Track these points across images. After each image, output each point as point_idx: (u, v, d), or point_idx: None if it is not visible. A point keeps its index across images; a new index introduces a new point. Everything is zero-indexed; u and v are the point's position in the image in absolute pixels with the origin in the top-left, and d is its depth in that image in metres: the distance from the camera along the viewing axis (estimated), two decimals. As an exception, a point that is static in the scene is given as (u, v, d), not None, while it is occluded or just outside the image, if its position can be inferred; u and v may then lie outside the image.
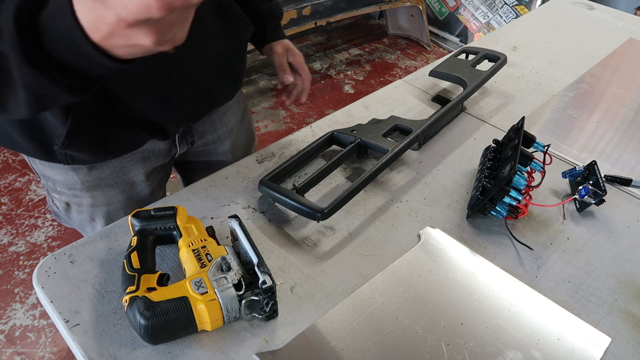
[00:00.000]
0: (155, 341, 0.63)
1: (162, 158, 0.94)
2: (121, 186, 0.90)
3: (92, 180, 0.87)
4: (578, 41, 1.56)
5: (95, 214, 0.92)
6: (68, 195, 0.89)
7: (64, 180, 0.87)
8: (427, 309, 0.72)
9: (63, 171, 0.85)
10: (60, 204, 0.92)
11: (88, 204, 0.90)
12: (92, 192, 0.88)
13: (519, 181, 0.82)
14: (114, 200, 0.91)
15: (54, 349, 1.59)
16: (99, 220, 0.93)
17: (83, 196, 0.89)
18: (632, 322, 0.73)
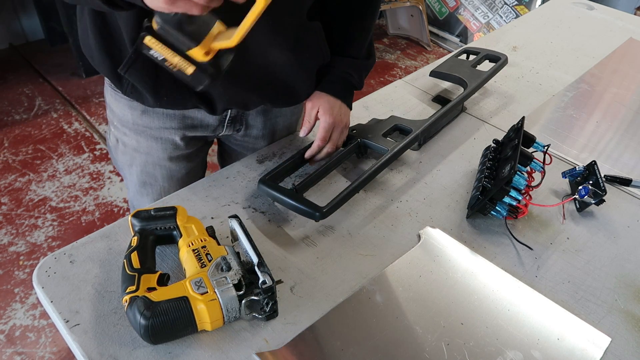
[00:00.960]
0: (155, 341, 0.63)
1: (208, 131, 0.96)
2: (164, 143, 0.95)
3: (142, 125, 0.92)
4: (578, 41, 1.56)
5: (135, 159, 0.97)
6: (120, 131, 0.95)
7: (120, 115, 0.93)
8: (427, 309, 0.72)
9: (122, 106, 0.91)
10: (112, 138, 0.99)
11: (132, 146, 0.96)
12: (137, 137, 0.94)
13: (519, 181, 0.82)
14: (153, 153, 0.96)
15: (54, 349, 1.58)
16: (136, 168, 0.98)
17: (130, 136, 0.95)
18: (632, 322, 0.73)
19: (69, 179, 2.22)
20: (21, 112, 2.60)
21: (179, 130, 0.93)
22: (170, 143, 0.95)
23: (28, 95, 2.72)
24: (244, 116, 0.97)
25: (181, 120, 0.92)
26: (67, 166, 2.28)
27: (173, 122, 0.92)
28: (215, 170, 0.95)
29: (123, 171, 1.02)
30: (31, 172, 2.24)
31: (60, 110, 2.63)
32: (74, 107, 2.67)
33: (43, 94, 2.75)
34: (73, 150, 2.38)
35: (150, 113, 0.91)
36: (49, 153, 2.35)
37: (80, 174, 2.25)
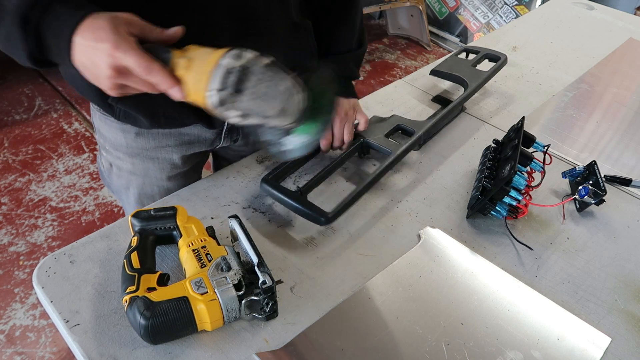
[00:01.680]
0: (155, 341, 0.63)
1: (205, 146, 0.95)
2: (161, 163, 0.93)
3: (136, 147, 0.90)
4: (578, 41, 1.56)
5: (131, 182, 0.95)
6: (113, 155, 0.93)
7: (112, 140, 0.90)
8: (427, 309, 0.72)
9: (114, 130, 0.88)
10: (105, 163, 0.97)
11: (127, 169, 0.94)
12: (133, 159, 0.92)
13: (519, 181, 0.82)
14: (150, 174, 0.94)
15: (54, 349, 1.58)
16: (133, 191, 0.96)
17: (125, 160, 0.92)
18: (632, 322, 0.73)
19: (69, 179, 2.22)
20: (21, 112, 2.60)
21: (176, 147, 0.91)
22: (167, 162, 0.93)
23: (28, 95, 2.72)
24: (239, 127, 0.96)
25: (177, 137, 0.90)
26: (67, 166, 2.28)
27: (169, 140, 0.90)
28: (215, 170, 0.95)
29: (119, 194, 0.99)
30: (31, 172, 2.24)
31: (60, 110, 2.63)
32: (74, 107, 2.67)
33: (43, 94, 2.75)
34: (73, 150, 2.38)
35: (145, 134, 0.88)
36: (49, 153, 2.35)
37: (80, 174, 2.25)
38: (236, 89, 0.51)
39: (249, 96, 0.52)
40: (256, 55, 0.53)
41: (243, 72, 0.51)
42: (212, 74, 0.51)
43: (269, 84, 0.51)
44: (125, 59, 0.54)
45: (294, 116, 0.54)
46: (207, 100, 0.53)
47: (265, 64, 0.52)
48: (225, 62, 0.52)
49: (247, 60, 0.52)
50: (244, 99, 0.52)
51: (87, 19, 0.54)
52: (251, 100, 0.52)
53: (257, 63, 0.52)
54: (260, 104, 0.52)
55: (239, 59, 0.51)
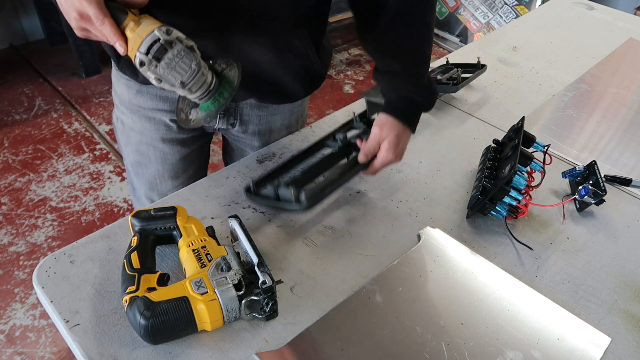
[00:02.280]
0: (155, 341, 0.63)
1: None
2: (156, 123, 0.97)
3: (136, 104, 0.95)
4: (578, 41, 1.56)
5: (130, 138, 1.00)
6: (120, 110, 1.00)
7: (120, 94, 0.97)
8: (427, 309, 0.72)
9: (122, 85, 0.95)
10: (114, 117, 1.03)
11: (129, 125, 0.99)
12: (133, 116, 0.97)
13: (519, 181, 0.82)
14: (146, 132, 0.98)
15: (54, 349, 1.58)
16: (131, 147, 1.01)
17: (127, 115, 0.98)
18: (632, 322, 0.73)
19: (69, 179, 2.22)
20: (21, 112, 2.60)
21: (170, 112, 0.95)
22: (162, 124, 0.97)
23: (28, 95, 2.72)
24: (237, 110, 0.98)
25: (173, 103, 0.93)
26: (67, 166, 2.28)
27: (165, 104, 0.94)
28: (217, 170, 0.95)
29: (122, 151, 1.05)
30: (31, 172, 2.24)
31: (60, 110, 2.63)
32: (74, 107, 2.67)
33: (43, 94, 2.75)
34: (73, 150, 2.38)
35: (144, 93, 0.93)
36: (49, 153, 2.35)
37: (80, 174, 2.25)
38: (155, 56, 0.62)
39: (164, 66, 0.62)
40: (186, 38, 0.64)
41: (166, 45, 0.62)
42: (143, 39, 0.62)
43: (181, 60, 0.62)
44: (87, 7, 0.62)
45: (198, 93, 0.66)
46: (134, 59, 0.63)
47: (187, 45, 0.63)
48: (156, 32, 0.62)
49: (174, 38, 0.62)
50: (160, 67, 0.63)
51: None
52: (164, 69, 0.63)
53: (181, 42, 0.63)
54: (169, 73, 0.63)
55: (168, 35, 0.62)
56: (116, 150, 2.40)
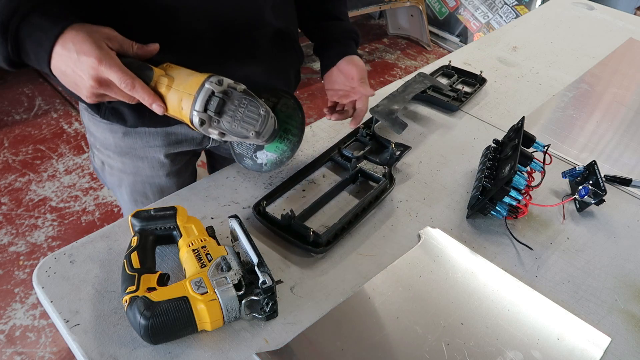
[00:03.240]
0: (155, 341, 0.62)
1: (194, 145, 0.95)
2: (150, 161, 0.94)
3: (125, 147, 0.91)
4: (578, 41, 1.56)
5: (123, 180, 0.96)
6: (104, 154, 0.95)
7: (102, 139, 0.92)
8: (427, 309, 0.72)
9: (103, 130, 0.90)
10: (97, 161, 0.98)
11: (118, 168, 0.95)
12: (122, 158, 0.93)
13: (519, 181, 0.82)
14: (140, 172, 0.95)
15: (54, 349, 1.58)
16: (125, 189, 0.97)
17: (115, 159, 0.93)
18: (632, 322, 0.73)
19: (69, 179, 2.22)
20: (21, 112, 2.60)
21: (164, 147, 0.92)
22: (156, 161, 0.94)
23: (28, 95, 2.72)
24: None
25: (165, 137, 0.91)
26: (67, 166, 2.28)
27: (157, 140, 0.90)
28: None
29: (114, 191, 1.01)
30: (31, 172, 2.24)
31: (60, 110, 2.63)
32: (74, 107, 2.67)
33: (43, 94, 2.75)
34: (73, 150, 2.38)
35: (132, 134, 0.89)
36: (49, 153, 2.35)
37: (80, 174, 2.25)
38: (217, 112, 0.57)
39: (228, 119, 0.58)
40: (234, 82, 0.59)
41: (224, 97, 0.57)
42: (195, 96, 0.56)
43: (246, 109, 0.58)
44: (109, 73, 0.57)
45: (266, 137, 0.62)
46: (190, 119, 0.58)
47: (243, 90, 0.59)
48: (208, 86, 0.57)
49: (227, 86, 0.58)
50: (224, 121, 0.58)
51: (68, 30, 0.57)
52: (230, 123, 0.58)
53: (235, 89, 0.58)
54: (238, 126, 0.58)
55: (220, 85, 0.57)
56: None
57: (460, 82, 1.27)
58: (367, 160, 0.94)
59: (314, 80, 3.08)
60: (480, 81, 1.26)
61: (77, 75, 0.59)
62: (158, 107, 0.60)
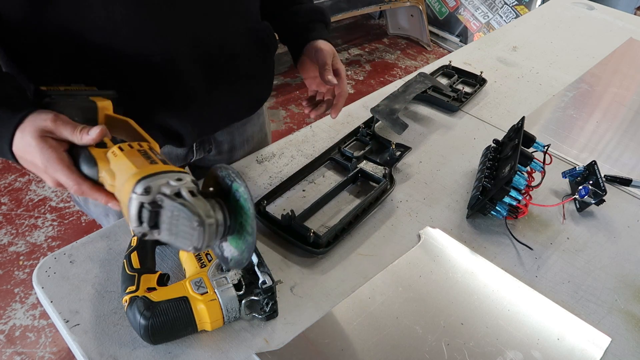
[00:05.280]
0: (155, 341, 0.62)
1: (180, 161, 0.95)
2: None
3: None
4: (578, 41, 1.56)
5: (109, 209, 0.91)
6: None
7: None
8: (427, 309, 0.72)
9: None
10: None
11: None
12: None
13: (519, 181, 0.82)
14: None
15: (54, 349, 1.59)
16: (112, 217, 0.93)
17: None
18: (632, 322, 0.73)
19: (69, 179, 2.21)
20: (21, 112, 2.59)
21: None
22: None
23: (28, 95, 2.72)
24: (210, 137, 0.96)
25: None
26: (67, 166, 2.28)
27: None
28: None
29: (101, 220, 0.96)
30: (31, 172, 2.24)
31: (60, 110, 2.63)
32: (74, 107, 2.67)
33: (43, 94, 2.75)
34: (73, 150, 2.38)
35: None
36: (49, 153, 2.35)
37: (80, 174, 2.25)
38: (151, 224, 0.51)
39: (165, 232, 0.51)
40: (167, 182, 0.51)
41: (154, 208, 0.50)
42: (128, 208, 0.50)
43: (179, 223, 0.49)
44: (56, 176, 0.57)
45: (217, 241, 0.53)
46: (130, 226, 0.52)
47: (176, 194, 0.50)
48: (135, 199, 0.50)
49: (157, 193, 0.50)
50: (162, 233, 0.51)
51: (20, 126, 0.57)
52: (168, 236, 0.51)
53: (167, 195, 0.50)
54: (176, 240, 0.51)
55: (148, 193, 0.50)
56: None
57: (460, 82, 1.27)
58: (367, 160, 0.95)
59: (314, 80, 3.08)
60: (480, 81, 1.26)
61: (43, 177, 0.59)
62: (115, 206, 0.57)
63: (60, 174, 0.56)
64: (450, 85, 1.23)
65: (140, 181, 0.50)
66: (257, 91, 0.94)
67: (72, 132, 0.57)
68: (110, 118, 0.64)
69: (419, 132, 1.09)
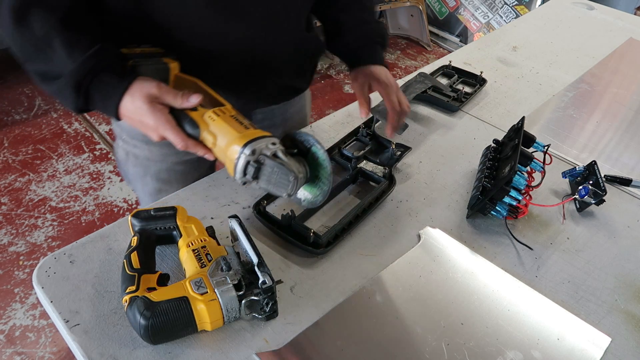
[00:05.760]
0: (155, 341, 0.62)
1: None
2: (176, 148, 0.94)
3: None
4: (578, 41, 1.56)
5: (149, 169, 0.97)
6: (130, 144, 0.95)
7: (129, 129, 0.93)
8: (427, 309, 0.72)
9: None
10: (121, 152, 0.99)
11: (144, 156, 0.96)
12: (150, 146, 0.94)
13: (519, 181, 0.82)
14: (166, 159, 0.96)
15: (54, 349, 1.58)
16: (150, 178, 0.98)
17: (142, 148, 0.94)
18: (632, 322, 0.73)
19: (68, 179, 2.22)
20: (21, 112, 2.60)
21: None
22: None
23: (28, 95, 2.72)
24: (251, 114, 0.99)
25: None
26: (67, 166, 2.28)
27: None
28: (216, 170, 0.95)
29: (135, 183, 1.02)
30: (31, 172, 2.24)
31: (60, 110, 2.63)
32: (74, 107, 2.67)
33: (43, 94, 2.75)
34: (73, 150, 2.38)
35: None
36: (49, 153, 2.35)
37: (80, 174, 2.25)
38: (254, 177, 0.66)
39: (264, 182, 0.67)
40: (266, 145, 0.66)
41: (258, 165, 0.65)
42: (235, 163, 0.65)
43: (278, 176, 0.66)
44: (166, 134, 0.69)
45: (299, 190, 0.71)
46: (234, 178, 0.67)
47: (274, 155, 0.66)
48: (242, 159, 0.65)
49: (260, 154, 0.65)
50: (261, 183, 0.67)
51: (128, 91, 0.68)
52: (266, 184, 0.67)
53: (268, 155, 0.66)
54: (273, 188, 0.68)
55: (253, 154, 0.65)
56: (116, 150, 2.40)
57: (460, 82, 1.27)
58: (367, 160, 0.95)
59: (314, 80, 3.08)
60: (480, 81, 1.26)
61: (144, 129, 0.70)
62: (210, 157, 0.71)
63: (169, 132, 0.68)
64: (450, 85, 1.23)
65: (247, 144, 0.64)
66: (298, 84, 1.00)
67: (174, 98, 0.68)
68: (179, 78, 0.75)
69: (419, 132, 1.09)
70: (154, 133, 0.70)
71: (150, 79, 0.69)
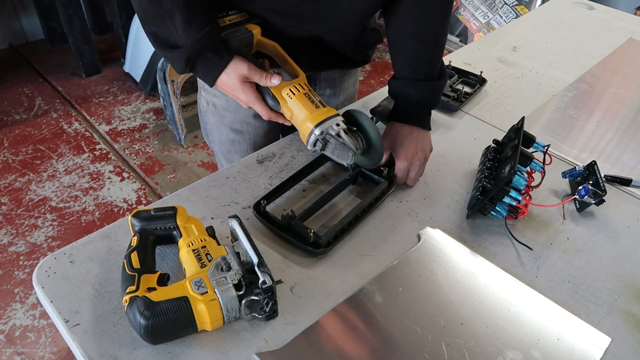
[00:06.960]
0: (155, 341, 0.63)
1: None
2: None
3: None
4: (578, 41, 1.56)
5: (224, 118, 1.08)
6: (211, 94, 1.06)
7: None
8: (427, 309, 0.72)
9: None
10: (203, 102, 1.10)
11: (222, 106, 1.06)
12: (226, 97, 1.03)
13: (519, 181, 0.82)
14: (240, 111, 1.05)
15: (54, 349, 1.59)
16: (225, 127, 1.09)
17: (220, 97, 1.05)
18: (632, 322, 0.73)
19: (68, 179, 2.22)
20: (21, 112, 2.60)
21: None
22: None
23: (28, 95, 2.73)
24: (316, 78, 1.10)
25: None
26: (67, 166, 2.28)
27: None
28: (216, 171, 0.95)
29: (212, 134, 1.13)
30: (31, 172, 2.24)
31: (60, 110, 2.63)
32: (74, 107, 2.67)
33: (43, 94, 2.75)
34: (73, 150, 2.38)
35: None
36: (49, 153, 2.36)
37: (80, 174, 2.25)
38: (321, 149, 0.80)
39: (329, 153, 0.81)
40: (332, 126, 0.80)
41: (325, 142, 0.80)
42: (307, 138, 0.80)
43: (341, 152, 0.80)
44: (256, 108, 0.84)
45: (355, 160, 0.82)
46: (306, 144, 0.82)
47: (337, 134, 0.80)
48: (313, 137, 0.79)
49: (326, 134, 0.79)
50: (327, 152, 0.81)
51: (225, 70, 0.82)
52: (331, 154, 0.81)
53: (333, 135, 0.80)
54: (337, 158, 0.81)
55: (321, 134, 0.79)
56: (116, 150, 2.40)
57: (460, 82, 1.27)
58: None
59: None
60: (480, 81, 1.26)
61: (237, 101, 0.87)
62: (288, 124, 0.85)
63: (258, 106, 0.84)
64: (450, 85, 1.23)
65: (318, 125, 0.79)
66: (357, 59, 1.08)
67: (260, 78, 0.82)
68: (260, 42, 0.88)
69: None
70: (244, 104, 0.85)
71: (243, 60, 0.82)
